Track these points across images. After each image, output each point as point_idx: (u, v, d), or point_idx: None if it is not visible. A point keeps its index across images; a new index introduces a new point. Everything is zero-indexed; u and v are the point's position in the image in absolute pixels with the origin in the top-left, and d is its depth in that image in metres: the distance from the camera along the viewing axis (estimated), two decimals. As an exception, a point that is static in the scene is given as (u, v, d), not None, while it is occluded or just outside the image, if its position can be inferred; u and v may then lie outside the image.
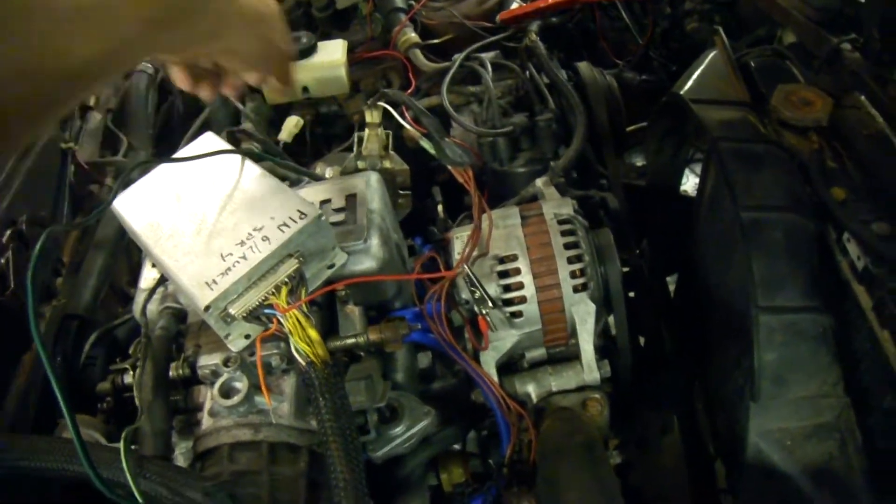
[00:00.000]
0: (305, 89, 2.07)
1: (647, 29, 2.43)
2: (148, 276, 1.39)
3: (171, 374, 1.27)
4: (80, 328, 1.60)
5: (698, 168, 1.90)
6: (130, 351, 1.40)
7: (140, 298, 1.37)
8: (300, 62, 2.03)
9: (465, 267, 1.32)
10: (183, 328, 1.35)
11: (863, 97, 1.54)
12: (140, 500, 0.97)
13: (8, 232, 1.54)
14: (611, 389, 1.48)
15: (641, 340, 1.77)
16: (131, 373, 1.36)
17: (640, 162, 2.38)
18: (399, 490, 1.37)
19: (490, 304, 1.33)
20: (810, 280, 1.33)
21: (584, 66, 2.08)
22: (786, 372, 1.28)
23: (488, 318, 1.33)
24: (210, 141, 1.35)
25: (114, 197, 1.28)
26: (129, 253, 1.80)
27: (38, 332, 1.10)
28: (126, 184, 1.30)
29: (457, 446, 1.49)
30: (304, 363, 1.08)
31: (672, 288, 2.08)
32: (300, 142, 2.02)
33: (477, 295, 1.32)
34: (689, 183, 2.22)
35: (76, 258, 1.73)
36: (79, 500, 1.17)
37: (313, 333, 1.09)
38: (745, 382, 1.35)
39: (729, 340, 1.49)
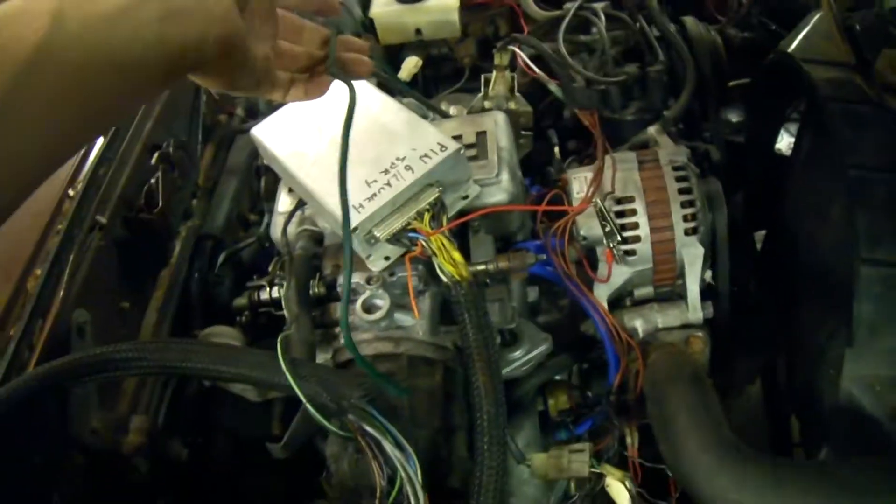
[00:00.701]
0: (418, 31, 2.14)
1: None
2: (285, 201, 1.48)
3: (311, 294, 1.38)
4: (214, 249, 1.70)
5: (793, 128, 1.95)
6: (269, 269, 1.50)
7: (279, 220, 1.46)
8: (415, 5, 2.10)
9: (598, 201, 1.39)
10: (319, 251, 1.45)
11: None
12: (302, 397, 1.06)
13: (156, 155, 1.64)
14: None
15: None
16: (268, 289, 1.47)
17: (735, 118, 2.41)
18: (512, 411, 1.43)
19: (619, 238, 1.40)
20: None
21: (690, 21, 2.11)
22: (880, 322, 1.31)
23: (615, 252, 1.41)
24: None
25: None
26: (249, 182, 1.90)
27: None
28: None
29: (562, 377, 1.56)
30: (449, 282, 1.17)
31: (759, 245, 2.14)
32: (412, 82, 2.09)
33: (607, 229, 1.39)
34: (784, 142, 2.25)
35: (208, 183, 1.83)
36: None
37: (457, 255, 1.17)
38: (836, 333, 1.38)
39: (820, 295, 1.54)
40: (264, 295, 1.47)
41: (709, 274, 1.55)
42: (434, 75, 2.25)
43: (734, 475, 1.13)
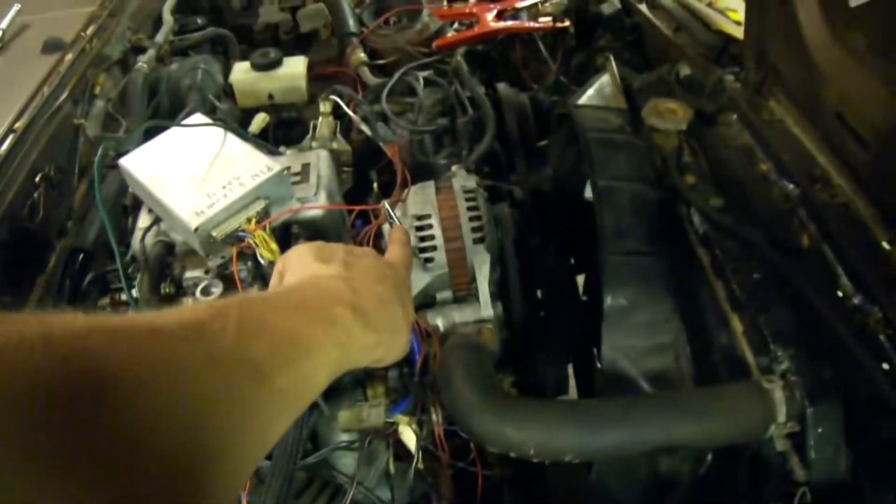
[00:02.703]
0: (270, 96, 2.46)
1: (560, 58, 2.82)
2: (145, 218, 1.75)
3: (161, 291, 1.65)
4: (84, 261, 1.95)
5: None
6: (129, 271, 1.77)
7: (138, 234, 1.73)
8: (268, 72, 2.43)
9: (385, 204, 1.62)
10: (171, 259, 1.71)
11: (735, 116, 1.88)
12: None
13: (39, 175, 1.92)
14: (507, 334, 1.84)
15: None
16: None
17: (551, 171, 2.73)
18: (330, 394, 1.69)
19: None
20: (651, 232, 1.66)
21: (501, 86, 2.47)
22: (630, 301, 1.58)
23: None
24: (199, 119, 1.75)
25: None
26: (118, 218, 2.16)
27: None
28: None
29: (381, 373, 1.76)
30: (266, 265, 1.47)
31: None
32: (264, 141, 2.39)
33: (394, 225, 1.68)
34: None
35: (81, 211, 2.08)
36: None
37: (274, 245, 1.47)
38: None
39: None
40: (124, 295, 1.74)
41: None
42: (285, 136, 2.47)
43: (495, 409, 1.39)
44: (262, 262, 1.48)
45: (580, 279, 2.49)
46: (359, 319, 0.92)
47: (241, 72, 2.50)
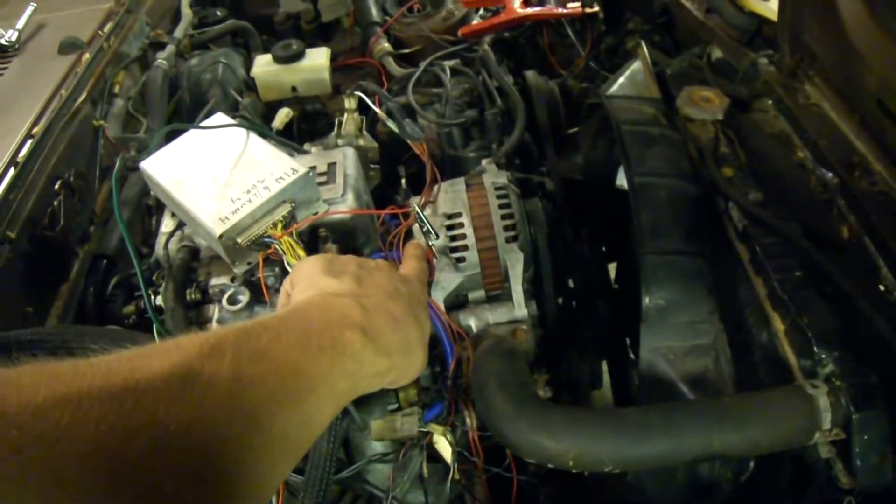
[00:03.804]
0: (294, 88, 2.42)
1: (589, 44, 2.76)
2: (168, 223, 1.73)
3: (186, 298, 1.62)
4: (108, 267, 1.92)
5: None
6: (154, 279, 1.74)
7: (162, 239, 1.71)
8: (290, 65, 2.39)
9: (415, 206, 1.62)
10: (196, 264, 1.68)
11: (770, 102, 1.83)
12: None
13: (59, 182, 1.88)
14: (541, 332, 1.79)
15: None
16: (154, 297, 1.70)
17: (580, 160, 2.69)
18: (361, 399, 1.63)
19: (435, 237, 1.63)
20: (689, 230, 1.61)
21: (530, 74, 2.42)
22: (668, 301, 1.54)
23: (434, 250, 1.65)
24: (221, 119, 1.71)
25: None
26: (142, 219, 2.13)
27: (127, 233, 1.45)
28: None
29: None
30: (294, 273, 1.43)
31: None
32: (288, 135, 2.34)
33: (424, 229, 1.62)
34: (621, 178, 2.51)
35: (104, 214, 2.06)
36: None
37: (301, 252, 1.43)
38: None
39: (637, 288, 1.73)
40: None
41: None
42: (309, 129, 2.51)
43: (531, 419, 1.34)
44: (288, 268, 1.43)
45: (612, 267, 2.46)
46: (370, 344, 0.90)
47: (263, 65, 2.46)
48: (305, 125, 2.50)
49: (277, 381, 0.74)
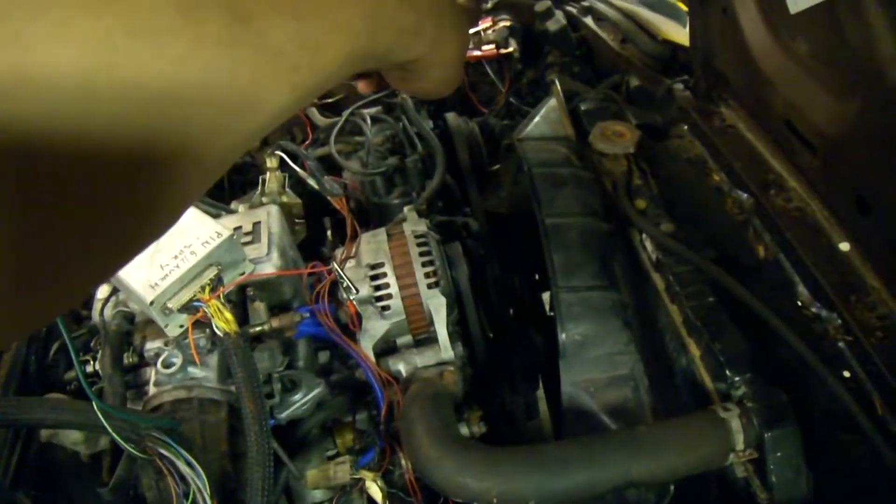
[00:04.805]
0: (223, 142, 2.48)
1: (508, 82, 2.84)
2: (103, 289, 1.78)
3: (124, 362, 1.67)
4: (48, 333, 1.96)
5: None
6: (91, 345, 1.79)
7: (98, 305, 1.76)
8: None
9: (335, 265, 1.70)
10: (131, 328, 1.73)
11: (686, 127, 1.89)
12: (109, 429, 1.38)
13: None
14: (471, 370, 1.87)
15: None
16: (92, 362, 1.76)
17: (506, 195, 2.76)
18: (300, 447, 1.74)
19: (355, 291, 1.71)
20: (600, 266, 1.68)
21: (450, 116, 2.50)
22: (585, 336, 1.61)
23: (355, 303, 1.72)
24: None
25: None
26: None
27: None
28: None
29: (349, 420, 1.83)
30: (222, 335, 1.50)
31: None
32: (220, 187, 2.42)
33: (345, 285, 1.70)
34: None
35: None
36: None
37: (228, 315, 1.49)
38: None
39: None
40: (89, 367, 1.76)
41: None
42: (241, 181, 2.56)
43: (456, 462, 1.39)
44: (217, 331, 1.50)
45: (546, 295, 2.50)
46: None
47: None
48: (237, 177, 2.55)
49: None
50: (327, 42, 0.62)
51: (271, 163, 2.08)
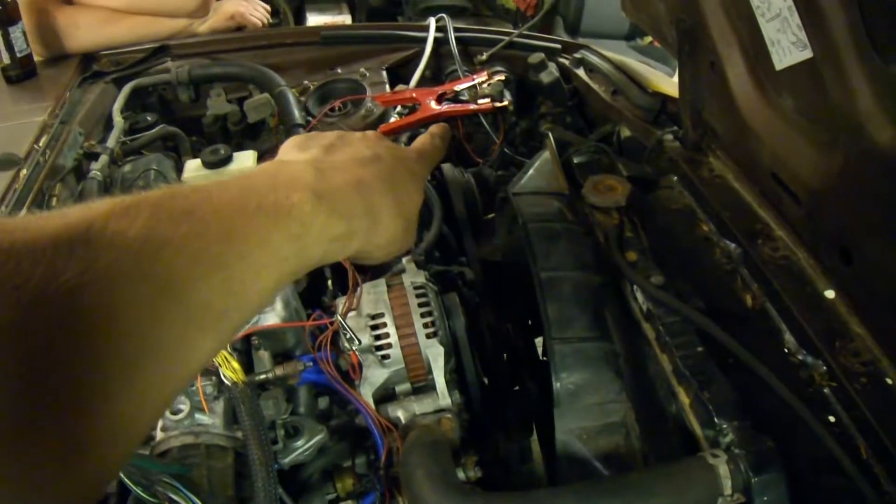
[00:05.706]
0: (223, 192, 2.53)
1: (502, 134, 2.87)
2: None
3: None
4: None
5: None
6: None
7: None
8: (219, 169, 2.49)
9: (338, 317, 1.76)
10: None
11: (675, 178, 1.95)
12: (125, 479, 1.42)
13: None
14: (468, 416, 1.90)
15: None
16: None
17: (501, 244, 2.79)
18: (302, 492, 1.78)
19: (358, 342, 1.76)
20: (592, 318, 1.72)
21: (446, 167, 2.52)
22: (578, 385, 1.65)
23: (357, 353, 1.77)
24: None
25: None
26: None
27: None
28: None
29: (349, 464, 1.86)
30: (230, 384, 1.55)
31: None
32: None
33: (348, 336, 1.75)
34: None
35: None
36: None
37: (236, 364, 1.54)
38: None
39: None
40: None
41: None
42: None
43: None
44: (224, 381, 1.54)
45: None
46: (322, 206, 0.80)
47: (193, 170, 2.54)
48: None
49: (201, 244, 0.65)
50: (252, 279, 0.68)
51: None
